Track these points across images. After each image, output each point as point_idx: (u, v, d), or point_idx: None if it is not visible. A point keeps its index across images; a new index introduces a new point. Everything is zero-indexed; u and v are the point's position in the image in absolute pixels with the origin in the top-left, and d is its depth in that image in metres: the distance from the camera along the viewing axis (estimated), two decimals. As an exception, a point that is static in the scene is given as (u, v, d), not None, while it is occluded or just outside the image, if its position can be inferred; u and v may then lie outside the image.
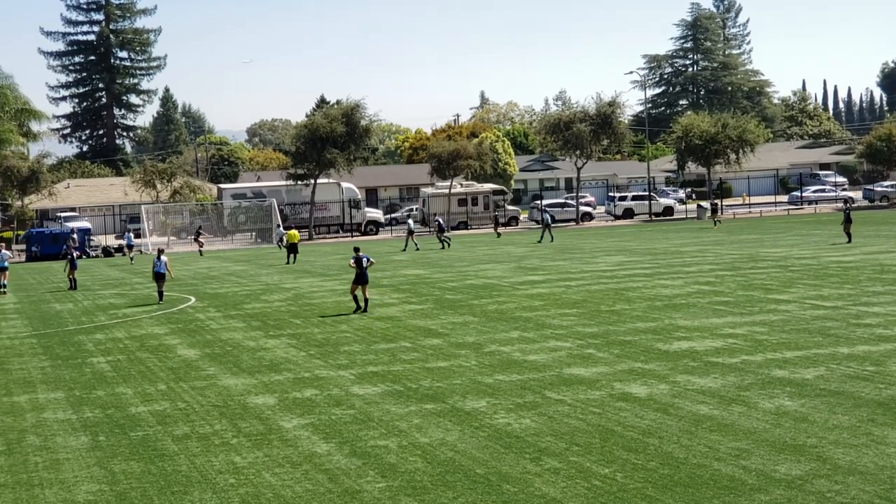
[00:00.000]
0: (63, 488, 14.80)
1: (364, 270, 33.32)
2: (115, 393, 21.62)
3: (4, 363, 26.43)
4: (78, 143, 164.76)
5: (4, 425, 19.00)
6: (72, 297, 43.82)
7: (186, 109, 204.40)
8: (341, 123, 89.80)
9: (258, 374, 23.04)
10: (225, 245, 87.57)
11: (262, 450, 16.34)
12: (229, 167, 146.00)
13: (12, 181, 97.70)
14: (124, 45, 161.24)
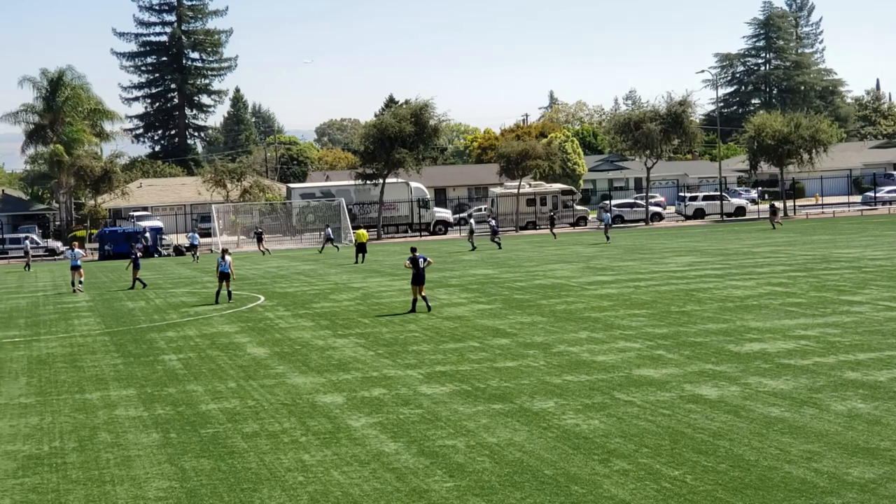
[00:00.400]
0: (134, 485, 14.94)
1: (421, 270, 33.40)
2: (186, 390, 21.80)
3: (77, 360, 26.76)
4: (150, 143, 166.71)
5: (77, 422, 19.22)
6: (143, 295, 44.28)
7: (256, 109, 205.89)
8: (410, 123, 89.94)
9: (327, 372, 23.12)
10: (293, 244, 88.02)
11: (331, 448, 16.38)
12: (298, 167, 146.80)
13: (86, 181, 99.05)
14: (196, 46, 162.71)
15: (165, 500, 14.14)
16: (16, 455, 16.91)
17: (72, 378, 24.12)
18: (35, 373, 25.11)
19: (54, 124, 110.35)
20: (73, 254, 49.46)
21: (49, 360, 26.94)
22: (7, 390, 22.90)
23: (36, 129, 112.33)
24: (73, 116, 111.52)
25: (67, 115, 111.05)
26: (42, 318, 37.53)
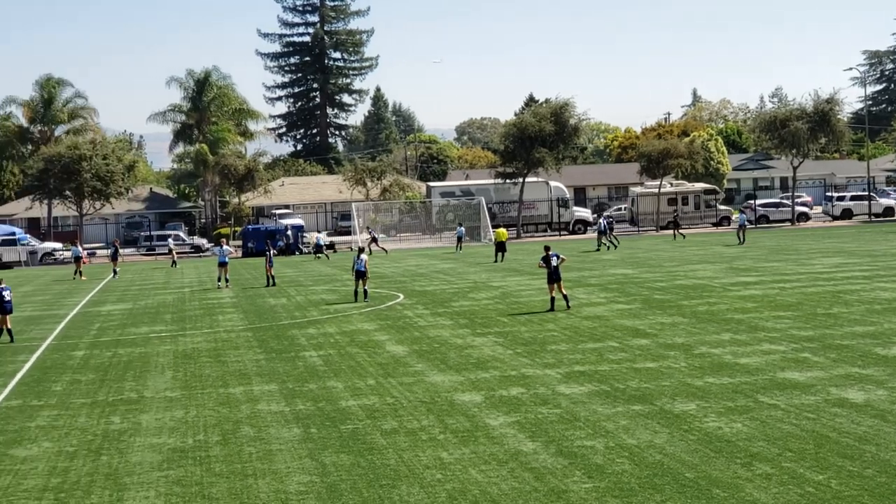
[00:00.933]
0: (275, 479, 15.12)
1: (555, 269, 33.32)
2: (326, 386, 22.02)
3: (221, 355, 27.23)
4: (292, 142, 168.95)
5: (220, 416, 19.55)
6: (285, 293, 44.90)
7: (397, 108, 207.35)
8: (550, 122, 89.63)
9: (465, 371, 23.14)
10: (433, 242, 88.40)
11: (469, 446, 16.37)
12: (438, 165, 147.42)
13: (230, 179, 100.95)
14: (338, 46, 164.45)
15: (306, 495, 14.28)
16: (161, 448, 17.26)
17: (216, 373, 24.56)
18: (180, 367, 25.63)
19: (200, 124, 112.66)
20: (221, 250, 50.40)
21: (194, 355, 27.48)
22: (153, 384, 23.42)
23: (182, 128, 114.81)
24: (218, 116, 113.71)
25: (213, 114, 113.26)
26: (188, 313, 38.32)
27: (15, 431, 19.01)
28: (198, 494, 14.56)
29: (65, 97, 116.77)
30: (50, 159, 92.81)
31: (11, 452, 17.39)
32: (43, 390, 23.22)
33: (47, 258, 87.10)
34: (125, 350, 29.04)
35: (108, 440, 17.97)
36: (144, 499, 14.48)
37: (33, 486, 15.33)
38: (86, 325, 35.75)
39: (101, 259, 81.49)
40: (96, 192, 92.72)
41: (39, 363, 27.35)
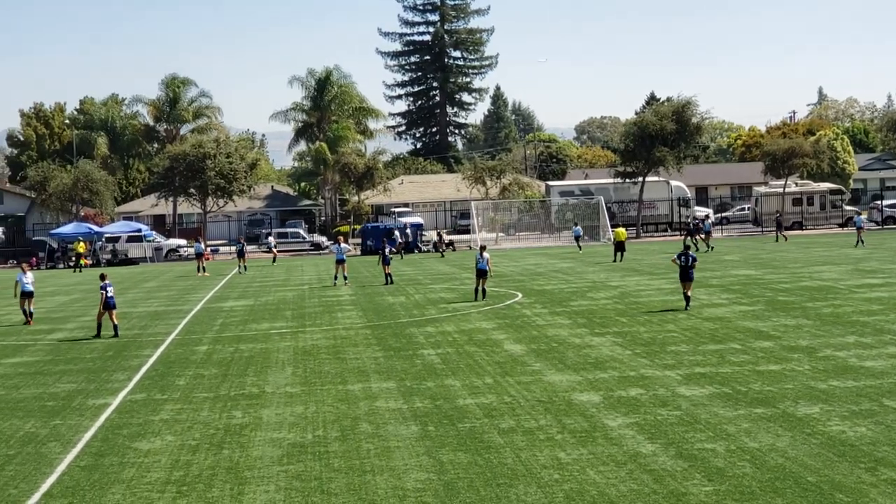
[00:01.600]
0: (393, 475, 15.18)
1: (685, 268, 33.19)
2: (444, 385, 22.05)
3: (340, 352, 27.45)
4: (412, 141, 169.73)
5: (339, 412, 19.69)
6: (404, 291, 45.11)
7: (516, 107, 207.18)
8: (671, 121, 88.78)
9: (583, 371, 23.00)
10: (551, 242, 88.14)
11: (587, 447, 16.26)
12: (557, 164, 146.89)
13: (350, 177, 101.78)
14: (458, 45, 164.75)
15: (423, 492, 14.31)
16: (281, 442, 17.45)
17: (335, 369, 24.76)
18: (300, 363, 25.90)
19: (321, 122, 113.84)
20: (338, 248, 50.83)
21: (313, 352, 27.74)
22: (274, 379, 23.69)
23: (304, 126, 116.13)
24: (338, 114, 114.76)
25: (333, 113, 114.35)
26: (307, 310, 38.70)
27: (139, 425, 19.38)
28: (317, 489, 14.68)
29: (190, 96, 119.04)
30: (175, 157, 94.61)
31: (136, 445, 17.73)
32: (167, 384, 23.65)
33: (172, 254, 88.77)
34: (247, 346, 29.44)
35: (229, 434, 18.23)
36: (265, 493, 14.65)
37: (156, 478, 15.60)
38: (209, 321, 36.33)
39: (223, 256, 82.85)
40: (219, 190, 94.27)
41: (164, 357, 27.86)
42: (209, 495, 14.64)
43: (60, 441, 18.31)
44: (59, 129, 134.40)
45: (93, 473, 16.02)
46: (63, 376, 25.44)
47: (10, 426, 19.76)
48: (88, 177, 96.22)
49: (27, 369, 26.81)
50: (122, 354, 28.77)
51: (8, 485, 15.57)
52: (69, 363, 27.58)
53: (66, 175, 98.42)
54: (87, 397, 22.47)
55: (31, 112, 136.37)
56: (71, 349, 30.42)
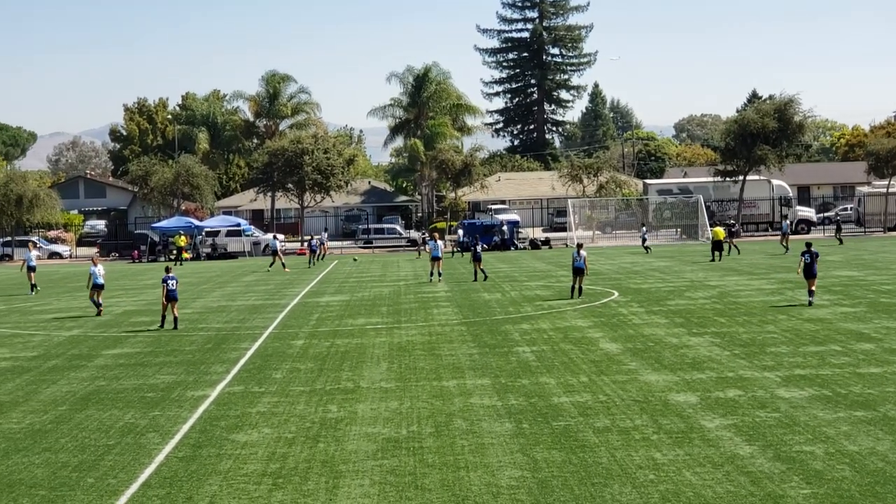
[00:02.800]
0: (487, 472, 15.15)
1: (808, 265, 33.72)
2: (539, 382, 21.98)
3: (435, 349, 27.48)
4: (509, 138, 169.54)
5: (434, 408, 19.71)
6: (499, 288, 45.07)
7: (615, 104, 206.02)
8: (773, 119, 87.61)
9: (680, 371, 22.76)
10: (649, 241, 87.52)
11: (683, 448, 16.09)
12: (655, 162, 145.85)
13: (447, 173, 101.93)
14: (556, 42, 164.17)
15: (517, 489, 14.27)
16: (376, 437, 17.51)
17: (430, 365, 24.80)
18: (395, 359, 25.98)
19: (418, 119, 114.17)
20: (434, 245, 50.96)
21: (409, 348, 27.81)
22: (369, 375, 23.79)
23: (401, 123, 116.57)
24: (436, 111, 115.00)
25: (431, 109, 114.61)
26: (403, 306, 38.83)
27: (237, 417, 19.58)
28: (411, 484, 14.70)
29: (289, 92, 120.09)
30: (274, 153, 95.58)
31: (233, 437, 17.91)
32: (264, 377, 23.87)
33: (270, 249, 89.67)
34: (342, 341, 29.61)
35: (325, 428, 18.34)
36: (359, 486, 14.71)
37: (253, 470, 15.74)
38: (305, 316, 36.61)
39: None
40: (317, 186, 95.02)
41: (261, 351, 28.13)
42: (304, 488, 14.74)
43: (159, 432, 18.57)
44: (162, 124, 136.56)
45: (190, 464, 16.22)
46: (163, 368, 25.81)
47: (110, 416, 20.09)
48: (189, 171, 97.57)
49: (128, 360, 27.25)
50: (220, 347, 29.12)
51: (107, 475, 15.82)
52: (169, 355, 27.97)
53: (168, 169, 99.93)
54: (185, 389, 22.77)
55: (135, 107, 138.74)
56: (171, 341, 30.86)
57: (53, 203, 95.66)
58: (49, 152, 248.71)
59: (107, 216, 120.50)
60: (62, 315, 39.22)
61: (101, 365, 26.67)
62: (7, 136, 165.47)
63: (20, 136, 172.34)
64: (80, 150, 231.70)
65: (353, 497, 14.27)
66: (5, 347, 30.82)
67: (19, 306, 43.40)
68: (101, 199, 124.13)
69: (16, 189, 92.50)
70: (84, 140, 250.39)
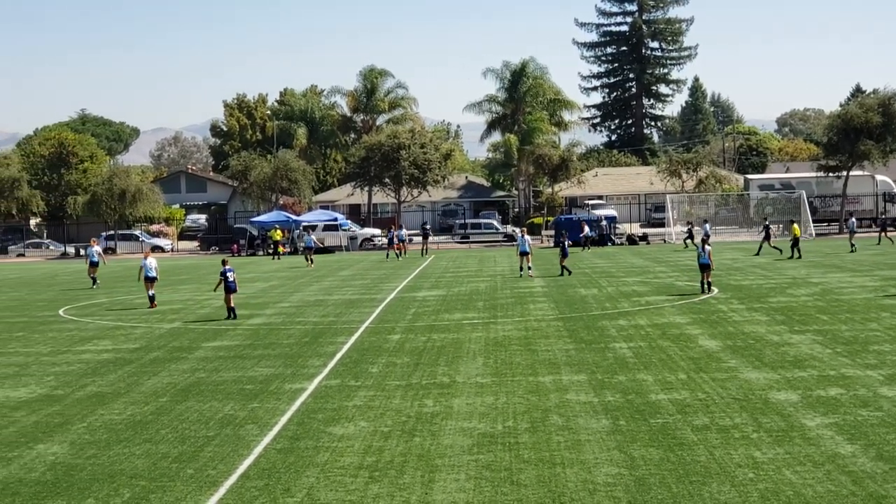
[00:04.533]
0: (583, 469, 15.05)
1: None
2: (636, 379, 21.79)
3: (531, 344, 27.40)
4: (607, 133, 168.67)
5: (530, 404, 19.64)
6: (596, 283, 44.82)
7: (715, 99, 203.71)
8: (877, 113, 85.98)
9: (781, 369, 22.42)
10: (749, 236, 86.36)
11: (783, 446, 15.84)
12: (757, 157, 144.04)
13: (544, 169, 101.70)
14: (656, 36, 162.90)
15: (614, 487, 14.16)
16: (471, 432, 17.49)
17: (526, 361, 24.72)
18: (491, 354, 25.94)
19: (515, 114, 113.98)
20: (522, 240, 50.85)
21: (505, 343, 27.76)
22: (465, 369, 23.79)
23: (497, 118, 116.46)
24: (532, 106, 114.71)
25: (528, 104, 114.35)
26: (499, 301, 38.77)
27: (333, 410, 19.69)
28: (506, 480, 14.66)
29: (386, 87, 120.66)
30: (371, 147, 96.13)
31: (330, 430, 18.02)
32: (360, 371, 23.99)
33: (367, 244, 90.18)
34: (439, 335, 29.65)
35: (420, 422, 18.37)
36: (455, 481, 14.70)
37: (349, 463, 15.82)
38: (402, 310, 36.73)
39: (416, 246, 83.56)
40: (414, 180, 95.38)
41: (357, 345, 28.28)
42: (400, 481, 14.77)
43: (258, 424, 18.74)
44: (261, 119, 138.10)
45: (288, 456, 16.35)
46: (261, 361, 26.06)
47: (209, 408, 20.33)
48: (287, 166, 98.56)
49: (227, 353, 27.57)
50: (317, 341, 29.33)
51: (207, 466, 16.00)
52: (267, 348, 28.24)
53: (267, 164, 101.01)
54: (283, 382, 22.96)
55: (235, 103, 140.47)
56: (269, 334, 31.16)
57: (155, 197, 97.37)
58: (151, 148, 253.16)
59: (207, 210, 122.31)
60: (163, 307, 39.81)
61: (200, 357, 27.03)
62: (110, 132, 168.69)
63: (123, 131, 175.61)
64: (181, 145, 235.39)
65: (448, 491, 14.26)
66: (108, 339, 31.37)
67: (121, 299, 44.18)
68: (201, 193, 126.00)
69: (119, 184, 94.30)
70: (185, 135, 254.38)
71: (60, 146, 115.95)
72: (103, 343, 30.61)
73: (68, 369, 25.87)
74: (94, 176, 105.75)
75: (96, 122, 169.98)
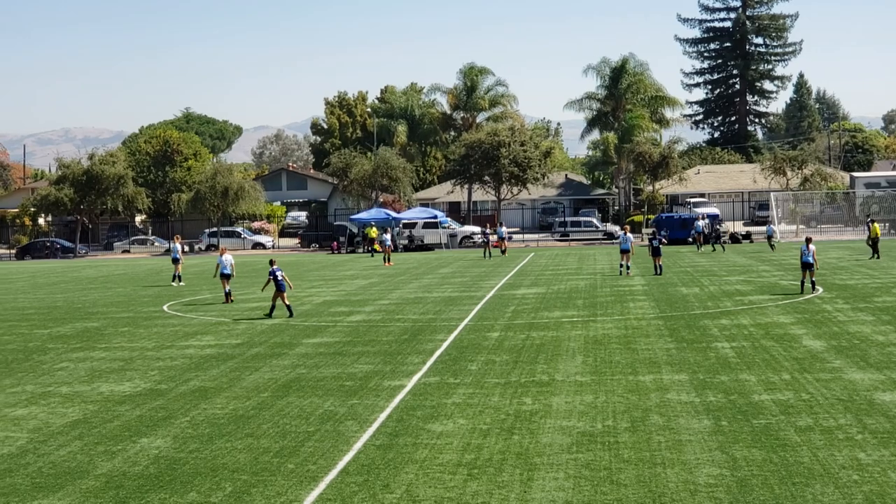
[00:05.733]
0: (684, 469, 14.90)
1: None
2: (739, 379, 21.51)
3: (632, 343, 27.20)
4: (709, 130, 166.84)
5: (630, 403, 19.50)
6: (698, 282, 44.38)
7: (820, 95, 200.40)
8: None
9: (887, 369, 21.99)
10: (855, 235, 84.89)
11: (889, 448, 15.53)
12: (862, 155, 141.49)
13: (644, 166, 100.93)
14: (760, 32, 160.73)
15: (715, 487, 13.99)
16: (570, 431, 17.41)
17: (625, 359, 24.55)
18: (591, 352, 25.80)
19: (615, 111, 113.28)
20: (624, 237, 50.58)
21: (604, 341, 27.59)
22: (564, 368, 23.69)
23: (597, 115, 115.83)
24: (633, 103, 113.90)
25: (628, 101, 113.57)
26: (598, 299, 38.56)
27: (432, 407, 19.73)
28: (606, 479, 14.56)
29: (486, 85, 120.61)
30: (471, 145, 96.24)
31: (429, 427, 18.05)
32: (459, 369, 24.00)
33: (466, 241, 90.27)
34: (538, 333, 29.57)
35: (519, 420, 18.32)
36: (553, 479, 14.64)
37: (448, 460, 15.83)
38: (501, 308, 36.70)
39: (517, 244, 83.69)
40: (513, 178, 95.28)
41: (457, 342, 28.31)
42: (499, 479, 14.75)
43: (357, 420, 18.85)
44: (361, 117, 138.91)
45: (387, 452, 16.41)
46: (361, 357, 26.21)
47: (310, 404, 20.50)
48: (388, 164, 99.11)
49: (327, 349, 27.78)
50: (416, 338, 29.42)
51: (307, 461, 16.13)
52: (367, 345, 28.40)
53: (367, 162, 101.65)
54: (382, 378, 23.07)
55: (335, 101, 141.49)
56: (369, 331, 31.34)
57: (257, 195, 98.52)
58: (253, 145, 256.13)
59: (308, 208, 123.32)
60: (265, 304, 40.24)
61: (301, 353, 27.26)
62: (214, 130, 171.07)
63: (226, 129, 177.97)
64: (282, 143, 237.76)
65: (547, 490, 14.21)
66: (211, 335, 31.81)
67: (223, 295, 44.75)
68: (302, 190, 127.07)
69: (222, 181, 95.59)
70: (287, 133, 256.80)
71: (165, 144, 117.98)
72: (206, 338, 31.04)
73: (172, 364, 26.27)
74: (197, 173, 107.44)
75: (200, 120, 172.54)
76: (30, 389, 23.32)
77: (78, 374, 25.19)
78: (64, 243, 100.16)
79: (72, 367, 26.31)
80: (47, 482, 15.43)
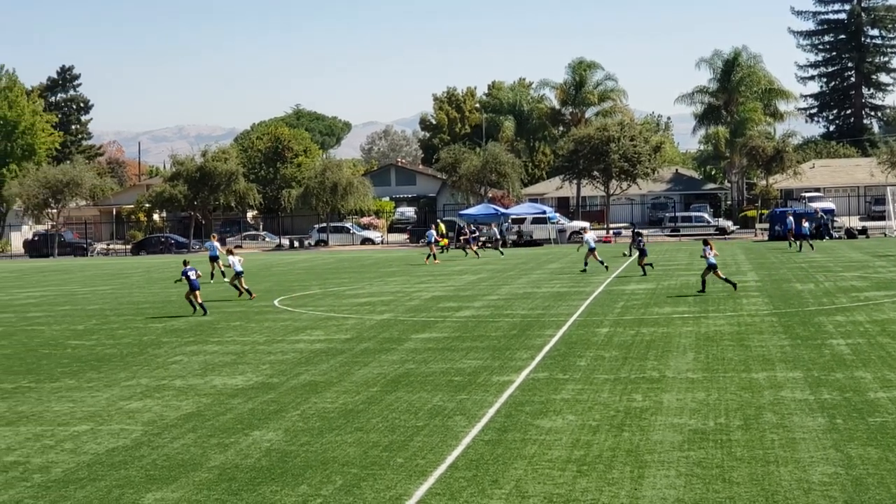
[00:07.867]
0: (798, 467, 14.63)
1: None
2: (854, 377, 21.08)
3: (745, 339, 26.80)
4: (824, 123, 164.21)
5: (742, 400, 19.21)
6: (813, 278, 43.64)
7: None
8: None
9: None
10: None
11: None
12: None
13: (757, 161, 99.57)
14: (876, 23, 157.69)
15: (830, 486, 13.71)
16: (682, 428, 17.20)
17: (738, 356, 24.20)
18: (702, 349, 25.48)
19: (728, 105, 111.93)
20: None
21: (716, 338, 27.23)
22: (675, 364, 23.43)
23: (708, 109, 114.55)
24: (746, 97, 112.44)
25: (741, 95, 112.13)
26: (711, 295, 38.07)
27: (541, 403, 19.64)
28: (718, 477, 14.35)
29: (595, 80, 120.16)
30: (580, 140, 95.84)
31: (537, 423, 17.97)
32: (568, 364, 23.87)
33: (575, 237, 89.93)
34: (648, 329, 29.29)
35: (629, 417, 18.15)
36: (665, 477, 14.47)
37: (557, 456, 15.74)
38: (610, 304, 36.45)
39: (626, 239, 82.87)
40: (623, 173, 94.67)
41: (565, 338, 28.17)
42: (609, 476, 14.62)
43: (465, 415, 18.83)
44: (470, 112, 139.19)
45: (496, 448, 16.37)
46: (469, 353, 26.21)
47: (418, 399, 20.54)
48: (496, 159, 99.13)
49: (436, 345, 27.82)
50: (525, 333, 29.34)
51: (416, 455, 16.15)
52: (475, 340, 28.39)
53: (476, 157, 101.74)
54: (491, 374, 23.03)
55: (444, 96, 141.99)
56: (477, 327, 31.33)
57: (366, 190, 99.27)
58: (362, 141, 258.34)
59: (416, 203, 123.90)
60: (373, 299, 40.50)
61: (410, 348, 27.35)
62: (323, 126, 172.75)
63: (336, 125, 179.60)
64: (391, 138, 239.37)
65: (658, 488, 14.05)
66: (320, 330, 32.06)
67: (334, 290, 45.14)
68: (411, 186, 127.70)
69: (331, 177, 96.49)
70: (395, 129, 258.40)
71: (276, 141, 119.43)
72: (316, 333, 31.30)
73: (283, 358, 26.53)
74: (307, 169, 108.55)
75: (310, 116, 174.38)
76: (144, 383, 23.72)
77: (191, 368, 25.57)
78: (178, 239, 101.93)
79: (185, 361, 26.72)
80: (161, 474, 15.67)
